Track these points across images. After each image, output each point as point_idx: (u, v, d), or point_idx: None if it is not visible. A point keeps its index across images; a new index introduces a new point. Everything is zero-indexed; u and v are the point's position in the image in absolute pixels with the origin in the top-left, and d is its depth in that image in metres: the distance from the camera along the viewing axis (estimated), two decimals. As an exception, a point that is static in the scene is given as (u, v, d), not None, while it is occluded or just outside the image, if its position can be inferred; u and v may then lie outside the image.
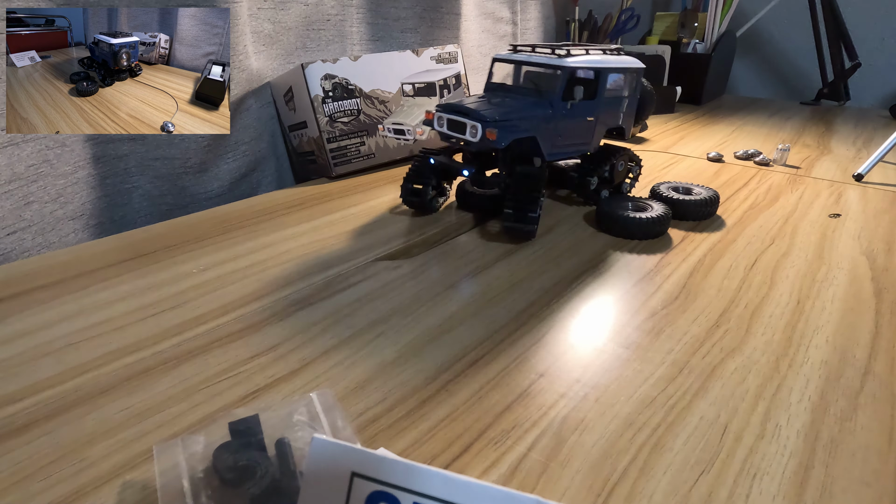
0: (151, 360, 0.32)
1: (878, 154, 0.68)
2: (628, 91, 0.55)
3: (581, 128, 0.53)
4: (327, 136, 0.64)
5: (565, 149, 0.53)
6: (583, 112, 0.52)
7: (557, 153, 0.52)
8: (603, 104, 0.53)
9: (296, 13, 0.68)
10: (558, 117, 0.50)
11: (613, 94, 0.54)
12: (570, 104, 0.50)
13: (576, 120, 0.52)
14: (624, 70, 0.54)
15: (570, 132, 0.52)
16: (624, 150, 0.57)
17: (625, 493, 0.23)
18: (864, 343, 0.34)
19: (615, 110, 0.55)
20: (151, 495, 0.23)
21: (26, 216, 0.48)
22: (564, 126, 0.51)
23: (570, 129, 0.52)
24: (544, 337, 0.34)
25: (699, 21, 1.16)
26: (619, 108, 0.56)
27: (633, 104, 0.57)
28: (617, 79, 0.54)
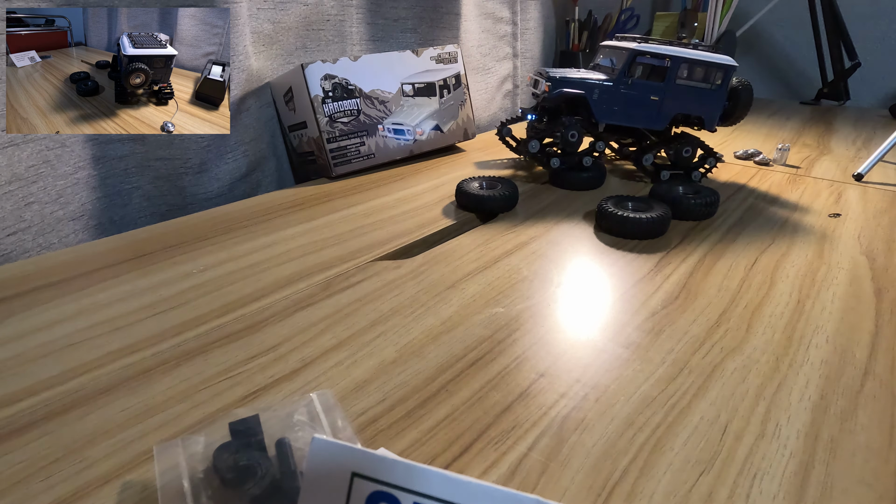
0: (151, 360, 0.32)
1: (877, 154, 0.68)
2: (711, 85, 0.61)
3: (643, 104, 0.62)
4: (327, 137, 0.64)
5: (622, 118, 0.63)
6: (646, 91, 0.61)
7: (613, 118, 0.62)
8: (673, 89, 0.61)
9: (295, 13, 0.68)
10: (617, 88, 0.61)
11: (691, 83, 0.61)
12: (630, 80, 0.61)
13: (637, 95, 0.61)
14: (702, 63, 0.60)
15: (629, 104, 0.62)
16: (693, 139, 0.63)
17: (625, 493, 0.23)
18: (864, 343, 0.34)
19: (692, 99, 0.62)
20: (152, 496, 0.23)
21: (27, 217, 0.48)
22: (623, 97, 0.62)
23: (630, 101, 0.62)
24: (544, 337, 0.34)
25: (699, 21, 1.16)
26: (699, 99, 0.62)
27: (717, 98, 0.62)
28: (694, 70, 0.61)
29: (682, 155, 0.62)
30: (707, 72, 0.61)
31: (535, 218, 0.54)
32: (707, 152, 0.64)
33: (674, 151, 0.63)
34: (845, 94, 1.19)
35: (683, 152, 0.62)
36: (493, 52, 1.02)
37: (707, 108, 0.62)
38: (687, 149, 0.62)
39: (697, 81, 0.61)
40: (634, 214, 0.48)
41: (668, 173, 0.64)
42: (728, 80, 0.61)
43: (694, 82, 0.61)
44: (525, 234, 0.50)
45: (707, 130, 0.63)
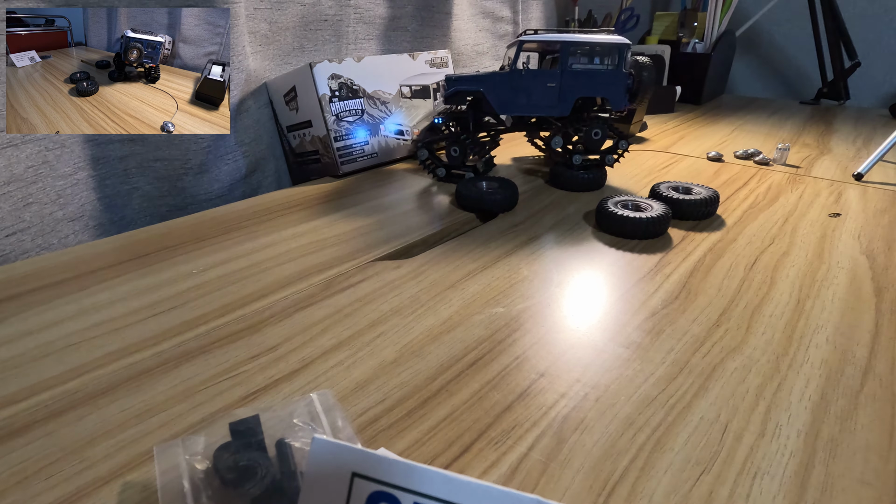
0: (152, 360, 0.32)
1: (877, 153, 0.68)
2: (610, 65, 0.61)
3: (542, 91, 0.62)
4: (335, 135, 0.64)
5: (525, 109, 0.63)
6: (542, 78, 0.62)
7: (516, 109, 0.63)
8: (568, 73, 0.61)
9: (293, 13, 0.68)
10: (513, 80, 0.62)
11: (586, 66, 0.61)
12: (523, 70, 0.62)
13: (534, 84, 0.62)
14: (593, 45, 0.60)
15: (529, 94, 0.63)
16: (601, 121, 0.63)
17: (625, 493, 0.23)
18: (864, 342, 0.34)
19: (591, 81, 0.62)
20: (152, 496, 0.23)
21: (26, 217, 0.48)
22: (522, 88, 0.62)
23: (529, 91, 0.62)
24: (544, 337, 0.34)
25: (699, 20, 1.16)
26: (597, 80, 0.62)
27: (616, 78, 0.61)
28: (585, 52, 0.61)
29: (591, 138, 0.63)
30: (600, 53, 0.61)
31: (535, 218, 0.54)
32: (618, 136, 0.64)
33: (583, 135, 0.63)
34: (845, 94, 1.19)
35: (592, 135, 0.63)
36: (492, 50, 1.02)
37: (609, 88, 0.62)
38: (596, 131, 0.63)
39: (593, 64, 0.62)
40: (634, 214, 0.48)
41: (581, 158, 0.64)
42: (623, 59, 0.61)
43: (589, 65, 0.62)
44: (525, 234, 0.50)
45: (615, 110, 0.64)
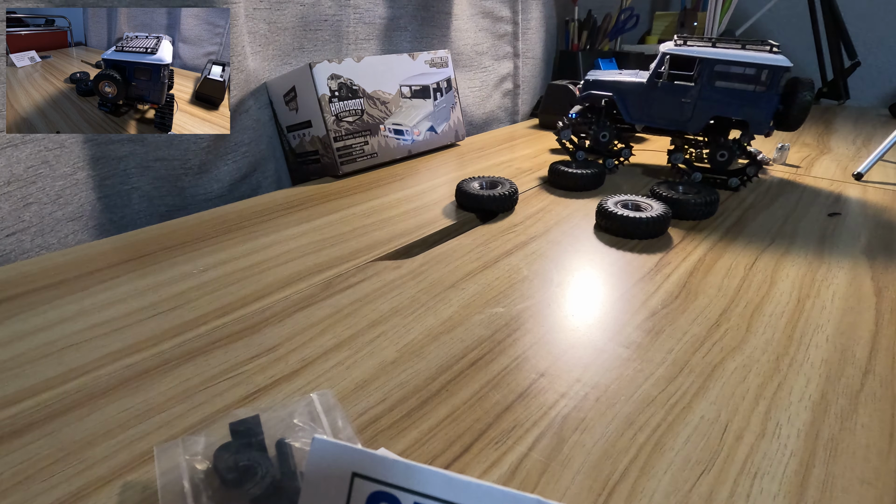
0: (152, 360, 0.32)
1: (877, 153, 0.68)
2: (763, 88, 0.58)
3: (674, 105, 0.62)
4: (334, 135, 0.64)
5: (655, 119, 0.64)
6: (676, 92, 0.61)
7: (645, 119, 0.64)
8: (707, 91, 0.60)
9: (292, 13, 0.68)
10: (647, 90, 0.62)
11: (730, 85, 0.59)
12: (659, 82, 0.62)
13: (668, 97, 0.62)
14: (742, 64, 0.57)
15: (660, 105, 0.63)
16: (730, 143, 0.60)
17: (625, 493, 0.23)
18: (864, 342, 0.34)
19: (732, 102, 0.59)
20: (152, 496, 0.23)
21: (25, 217, 0.48)
22: (654, 99, 0.63)
23: (661, 102, 0.63)
24: (544, 337, 0.34)
25: (698, 20, 1.16)
26: (740, 101, 0.59)
27: (763, 101, 0.58)
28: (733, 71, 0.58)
29: (716, 158, 0.61)
30: (749, 73, 0.58)
31: (535, 218, 0.54)
32: (751, 159, 0.61)
33: (709, 154, 0.61)
34: (845, 94, 1.19)
35: (718, 156, 0.61)
36: (492, 50, 1.02)
37: (752, 111, 0.59)
38: (722, 153, 0.60)
39: (738, 83, 0.58)
40: (634, 214, 0.48)
41: (700, 175, 0.62)
42: (777, 82, 0.57)
43: (734, 84, 0.59)
44: (525, 234, 0.50)
45: (757, 135, 0.60)
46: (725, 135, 0.62)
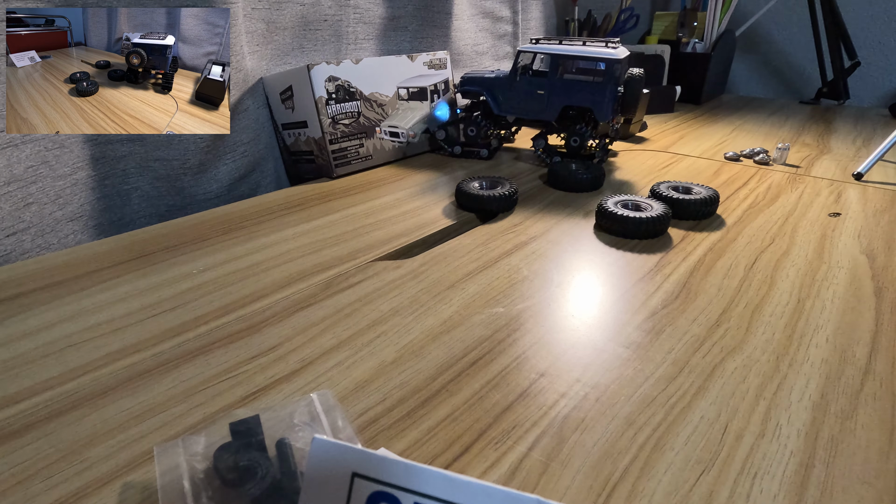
0: (152, 360, 0.32)
1: (877, 153, 0.68)
2: (601, 78, 0.64)
3: (533, 98, 0.69)
4: (330, 138, 0.64)
5: (519, 111, 0.71)
6: (533, 85, 0.68)
7: (511, 111, 0.71)
8: (557, 83, 0.67)
9: (292, 13, 0.68)
10: (508, 85, 0.70)
11: (576, 77, 0.66)
12: (517, 77, 0.69)
13: (527, 90, 0.69)
14: (582, 58, 0.64)
15: (521, 99, 0.70)
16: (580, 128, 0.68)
17: (625, 493, 0.23)
18: (864, 342, 0.34)
19: (578, 92, 0.66)
20: (152, 496, 0.23)
21: (25, 217, 0.48)
22: (516, 93, 0.70)
23: (522, 96, 0.69)
24: (544, 337, 0.34)
25: (698, 20, 1.16)
26: (585, 92, 0.66)
27: (604, 90, 0.65)
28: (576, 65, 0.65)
29: (570, 143, 0.69)
30: (589, 66, 0.64)
31: (535, 218, 0.54)
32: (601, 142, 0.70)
33: (564, 139, 0.69)
34: (845, 94, 1.19)
35: (572, 141, 0.68)
36: (492, 50, 1.02)
37: (595, 99, 0.65)
38: (575, 138, 0.68)
39: (581, 75, 0.65)
40: (634, 214, 0.48)
41: (560, 158, 0.70)
42: (612, 73, 0.63)
43: (578, 76, 0.65)
44: (525, 234, 0.50)
45: (600, 121, 0.67)
46: (580, 122, 0.68)
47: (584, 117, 0.69)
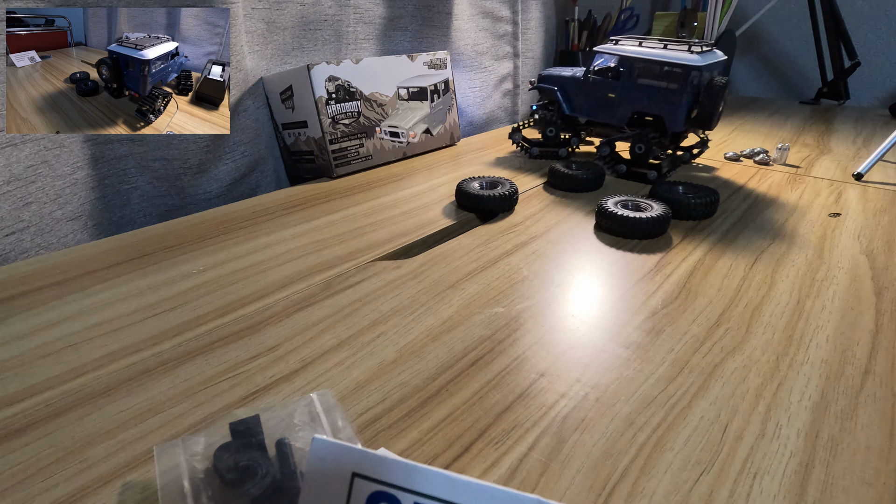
0: (152, 360, 0.32)
1: (877, 153, 0.68)
2: (676, 85, 0.61)
3: (601, 100, 0.67)
4: (330, 138, 0.64)
5: (585, 111, 0.70)
6: (603, 87, 0.66)
7: (581, 112, 0.70)
8: (629, 87, 0.64)
9: (292, 13, 0.68)
10: (580, 84, 0.69)
11: (649, 82, 0.62)
12: (589, 77, 0.67)
13: (596, 92, 0.67)
14: (657, 63, 0.61)
15: (590, 99, 0.68)
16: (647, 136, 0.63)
17: (626, 493, 0.23)
18: (864, 342, 0.34)
19: (650, 98, 0.63)
20: (152, 496, 0.23)
21: (25, 217, 0.48)
22: (586, 93, 0.69)
23: (591, 97, 0.68)
24: (544, 337, 0.34)
25: (699, 20, 1.16)
26: (656, 98, 0.62)
27: (676, 98, 0.61)
28: (650, 69, 0.62)
29: (634, 150, 0.64)
30: (664, 71, 0.61)
31: (535, 218, 0.54)
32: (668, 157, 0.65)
33: (630, 146, 0.65)
34: (845, 94, 1.19)
35: (636, 148, 0.64)
36: (492, 50, 1.02)
37: (666, 107, 0.62)
38: (640, 145, 0.64)
39: (655, 80, 0.62)
40: (634, 214, 0.48)
41: (624, 167, 0.66)
42: (688, 80, 0.59)
43: (652, 81, 0.62)
44: (525, 234, 0.50)
45: (671, 130, 0.63)
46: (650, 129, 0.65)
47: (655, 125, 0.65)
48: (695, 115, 0.62)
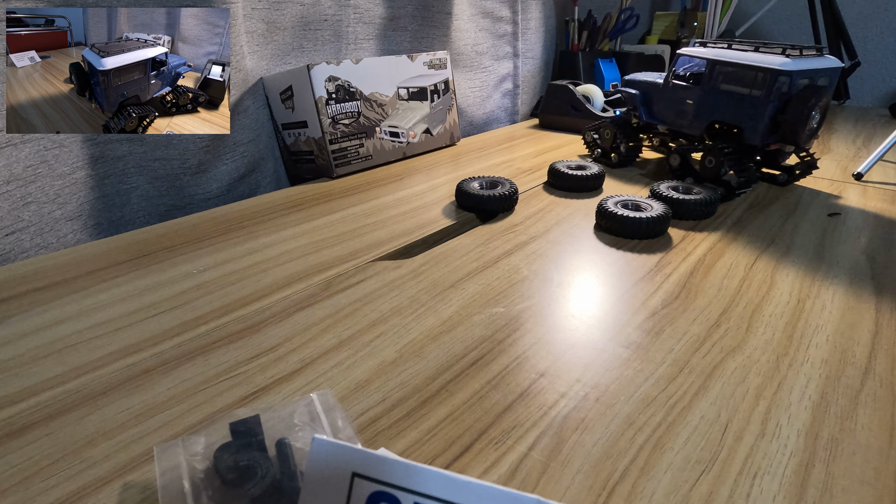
0: (152, 360, 0.32)
1: (877, 153, 0.68)
2: (759, 92, 0.54)
3: (677, 106, 0.63)
4: (330, 138, 0.64)
5: (660, 117, 0.66)
6: (681, 94, 0.62)
7: (654, 117, 0.66)
8: (709, 93, 0.58)
9: (292, 13, 0.68)
10: (660, 90, 0.64)
11: (733, 88, 0.56)
12: (670, 83, 0.63)
13: (674, 97, 0.63)
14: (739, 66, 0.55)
15: (667, 105, 0.64)
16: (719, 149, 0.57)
17: (626, 493, 0.23)
18: (864, 342, 0.34)
19: (730, 106, 0.57)
20: (152, 496, 0.23)
21: (24, 217, 0.48)
22: (663, 98, 0.64)
23: (668, 102, 0.64)
24: (544, 337, 0.34)
25: (699, 20, 1.16)
26: (737, 106, 0.56)
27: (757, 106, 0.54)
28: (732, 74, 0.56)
29: (704, 163, 0.59)
30: (746, 76, 0.54)
31: (535, 218, 0.54)
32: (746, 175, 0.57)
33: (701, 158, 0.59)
34: (845, 94, 1.19)
35: (706, 161, 0.58)
36: (492, 50, 1.02)
37: (745, 116, 0.55)
38: (710, 158, 0.58)
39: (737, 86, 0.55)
40: (634, 214, 0.48)
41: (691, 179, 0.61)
42: (773, 87, 0.53)
43: (733, 87, 0.56)
44: (525, 234, 0.50)
45: (750, 143, 0.56)
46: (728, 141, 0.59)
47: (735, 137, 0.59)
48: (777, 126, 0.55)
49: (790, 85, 0.53)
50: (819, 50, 0.56)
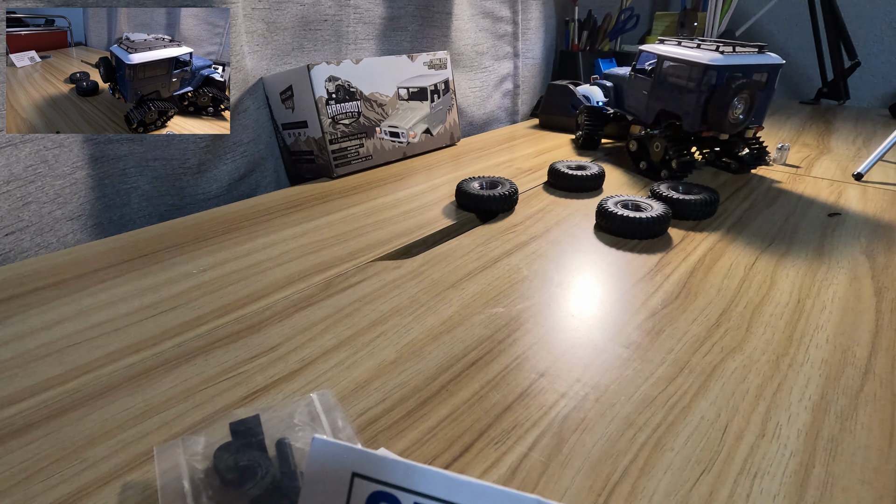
0: (152, 360, 0.32)
1: (877, 153, 0.68)
2: (692, 84, 0.60)
3: (638, 97, 0.70)
4: (330, 138, 0.64)
5: (627, 107, 0.73)
6: (640, 85, 0.69)
7: (624, 108, 0.74)
8: (659, 85, 0.65)
9: (292, 13, 0.68)
10: (627, 81, 0.72)
11: (675, 81, 0.63)
12: (633, 75, 0.70)
13: (636, 89, 0.70)
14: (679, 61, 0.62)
15: (631, 96, 0.72)
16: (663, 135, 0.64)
17: (625, 493, 0.23)
18: (864, 342, 0.34)
19: (672, 96, 0.63)
20: (152, 496, 0.23)
21: (24, 217, 0.48)
22: (629, 89, 0.72)
23: (632, 93, 0.71)
24: (544, 337, 0.34)
25: (699, 20, 1.16)
26: (678, 96, 0.62)
27: (693, 96, 0.60)
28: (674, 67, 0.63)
29: (652, 149, 0.65)
30: (684, 70, 0.61)
31: (535, 218, 0.54)
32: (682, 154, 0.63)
33: (650, 143, 0.65)
34: (845, 94, 1.19)
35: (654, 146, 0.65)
36: (492, 50, 1.02)
37: (684, 106, 0.62)
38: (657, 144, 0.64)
39: (678, 79, 0.62)
40: (634, 214, 0.48)
41: (646, 165, 0.67)
42: (702, 79, 0.59)
43: (675, 80, 0.62)
44: (525, 234, 0.50)
45: (686, 129, 0.62)
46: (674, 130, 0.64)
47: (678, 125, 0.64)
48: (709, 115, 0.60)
49: (717, 78, 0.59)
50: (760, 48, 0.62)
